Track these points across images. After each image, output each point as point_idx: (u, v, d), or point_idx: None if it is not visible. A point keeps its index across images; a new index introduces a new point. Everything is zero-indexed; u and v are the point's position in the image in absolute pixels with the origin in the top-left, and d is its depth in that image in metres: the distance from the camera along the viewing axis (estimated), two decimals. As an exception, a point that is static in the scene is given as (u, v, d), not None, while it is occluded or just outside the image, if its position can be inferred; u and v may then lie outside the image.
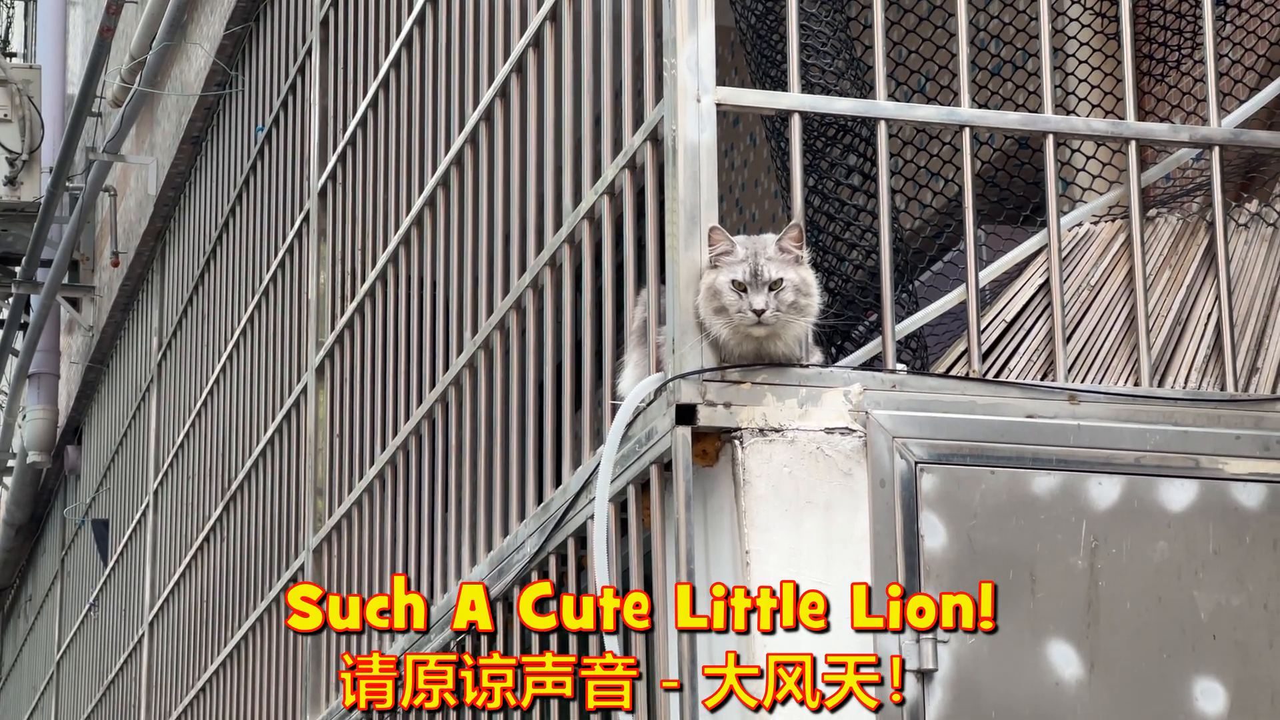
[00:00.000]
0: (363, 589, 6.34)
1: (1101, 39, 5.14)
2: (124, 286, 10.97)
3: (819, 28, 4.77)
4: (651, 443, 4.19)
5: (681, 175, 4.19)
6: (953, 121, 4.49)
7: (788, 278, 4.12)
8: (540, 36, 5.09)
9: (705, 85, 4.24)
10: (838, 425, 4.15)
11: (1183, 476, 4.30)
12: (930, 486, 4.16)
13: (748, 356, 4.13)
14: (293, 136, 7.63)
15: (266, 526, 7.64)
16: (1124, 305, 4.51)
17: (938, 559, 4.13)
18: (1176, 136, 4.65)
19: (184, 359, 9.62)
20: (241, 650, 7.93)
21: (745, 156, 7.99)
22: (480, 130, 5.52)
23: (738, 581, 4.04)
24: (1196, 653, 4.22)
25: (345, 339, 6.74)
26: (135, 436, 10.80)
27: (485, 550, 5.21)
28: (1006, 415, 4.25)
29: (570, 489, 4.61)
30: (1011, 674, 4.12)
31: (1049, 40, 4.56)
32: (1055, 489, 4.23)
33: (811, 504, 4.09)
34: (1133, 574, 4.22)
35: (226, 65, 8.65)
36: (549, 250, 4.93)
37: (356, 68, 6.84)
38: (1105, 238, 4.59)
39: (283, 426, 7.46)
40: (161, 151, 10.03)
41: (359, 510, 6.43)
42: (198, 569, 8.94)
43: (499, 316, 5.24)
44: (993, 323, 4.46)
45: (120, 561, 11.02)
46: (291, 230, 7.50)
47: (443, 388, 5.65)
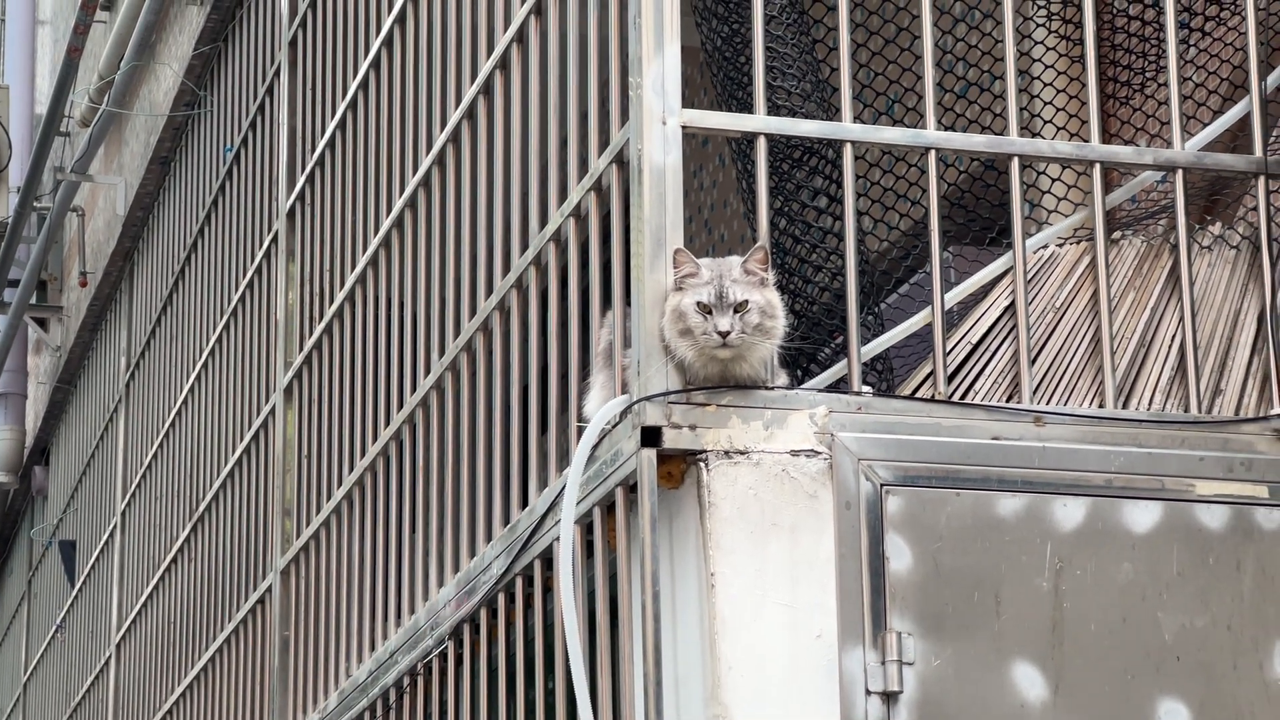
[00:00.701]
0: (330, 611, 6.33)
1: (1066, 62, 5.16)
2: (92, 307, 10.94)
3: (785, 50, 4.78)
4: (617, 465, 4.19)
5: (647, 197, 4.20)
6: (918, 144, 4.50)
7: (753, 300, 4.13)
8: (507, 58, 5.10)
9: (671, 107, 4.25)
10: (803, 447, 4.15)
11: (1147, 498, 4.31)
12: (896, 508, 4.16)
13: (713, 379, 4.14)
14: (261, 157, 7.63)
15: (234, 547, 7.62)
16: (1089, 327, 4.53)
17: (903, 581, 4.14)
18: (1141, 159, 4.66)
19: (152, 379, 9.60)
20: (209, 671, 7.91)
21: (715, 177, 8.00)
22: (448, 151, 5.52)
23: (703, 604, 4.05)
24: (1161, 674, 4.23)
25: (313, 360, 6.74)
26: (103, 457, 10.78)
27: (452, 571, 5.21)
28: (972, 437, 4.26)
29: (537, 511, 4.61)
30: (977, 696, 4.12)
31: (1014, 63, 4.58)
32: (1020, 511, 4.24)
33: (777, 526, 4.10)
34: (1097, 595, 4.23)
35: (195, 85, 8.64)
36: (516, 272, 4.93)
37: (325, 89, 6.84)
38: (1070, 260, 4.60)
39: (250, 447, 7.45)
40: (130, 171, 10.02)
41: (327, 531, 6.43)
42: (165, 590, 8.92)
43: (466, 338, 5.24)
44: (958, 345, 4.47)
45: (87, 582, 10.99)
46: (260, 251, 7.50)
47: (410, 409, 5.64)
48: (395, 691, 5.55)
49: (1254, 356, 4.60)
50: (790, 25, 4.84)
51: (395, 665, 5.52)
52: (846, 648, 4.07)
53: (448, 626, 5.10)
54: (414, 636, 5.37)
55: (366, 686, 5.79)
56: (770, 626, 4.04)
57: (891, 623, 4.11)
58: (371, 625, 5.90)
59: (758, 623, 4.04)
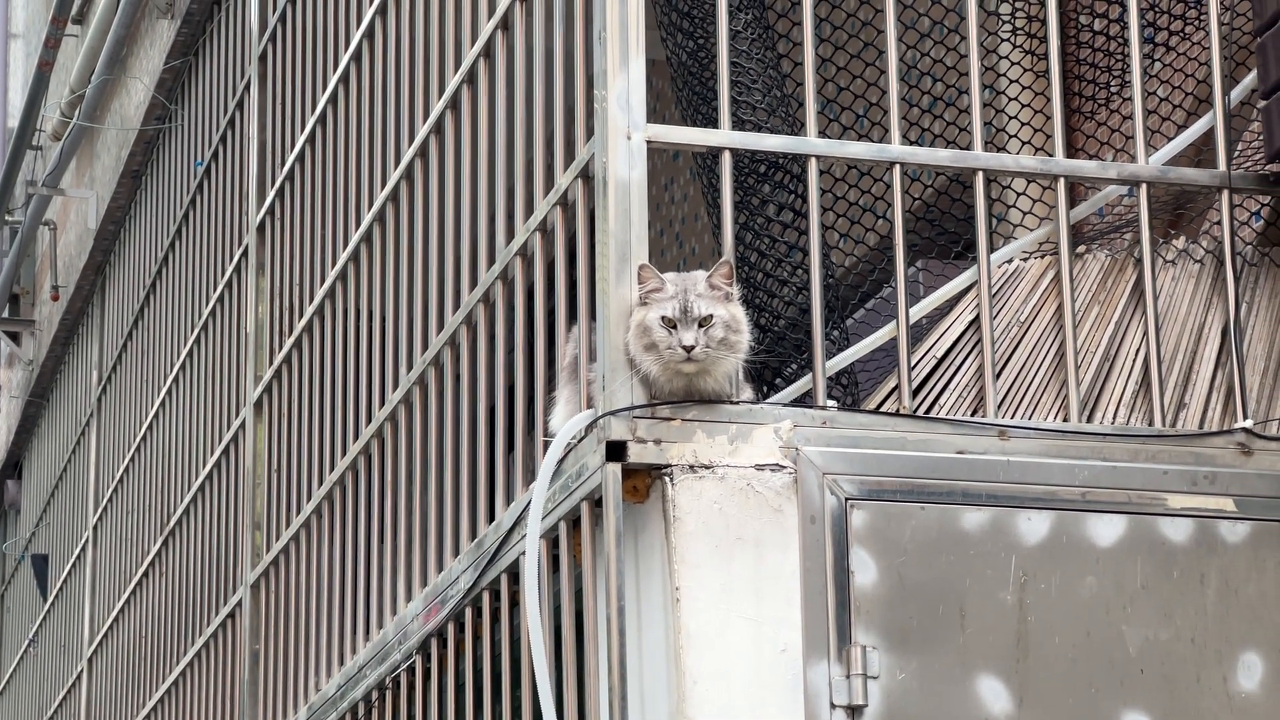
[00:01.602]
0: (299, 624, 6.32)
1: (1031, 77, 5.18)
2: (64, 320, 10.93)
3: (750, 64, 4.79)
4: (582, 479, 4.19)
5: (612, 212, 4.20)
6: (883, 158, 4.51)
7: (718, 314, 4.14)
8: (475, 73, 5.10)
9: (636, 122, 4.25)
10: (768, 462, 4.16)
11: (1112, 511, 4.32)
12: (860, 522, 4.17)
13: (678, 393, 4.14)
14: (231, 171, 7.62)
15: (205, 561, 7.61)
16: (1053, 341, 4.54)
17: (868, 595, 4.14)
18: (1105, 174, 4.68)
19: (124, 393, 9.59)
20: (180, 685, 7.90)
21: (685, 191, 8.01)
22: (416, 166, 5.53)
23: (668, 618, 4.05)
24: (1125, 687, 4.24)
25: (283, 373, 6.74)
26: (75, 471, 10.76)
27: (420, 585, 5.21)
28: (937, 451, 4.27)
29: (503, 525, 4.61)
30: (942, 709, 4.13)
31: (980, 78, 4.59)
32: (985, 524, 4.25)
33: (742, 540, 4.10)
34: (1062, 609, 4.24)
35: (166, 99, 8.64)
36: (482, 287, 4.93)
37: (294, 103, 6.84)
38: (1035, 274, 4.61)
39: (221, 461, 7.44)
40: (101, 185, 10.01)
41: (296, 545, 6.42)
42: (137, 603, 8.91)
43: (434, 352, 5.24)
44: (923, 359, 4.48)
45: (60, 596, 10.97)
46: (230, 264, 7.49)
47: (379, 423, 5.64)
48: (364, 705, 5.55)
49: (1218, 370, 4.61)
50: (755, 40, 4.85)
51: (364, 679, 5.52)
52: (811, 662, 4.08)
53: (416, 640, 5.10)
54: (383, 650, 5.37)
55: (336, 700, 5.79)
56: (735, 641, 4.05)
57: (856, 636, 4.11)
58: (341, 639, 5.90)
59: (723, 637, 4.04)
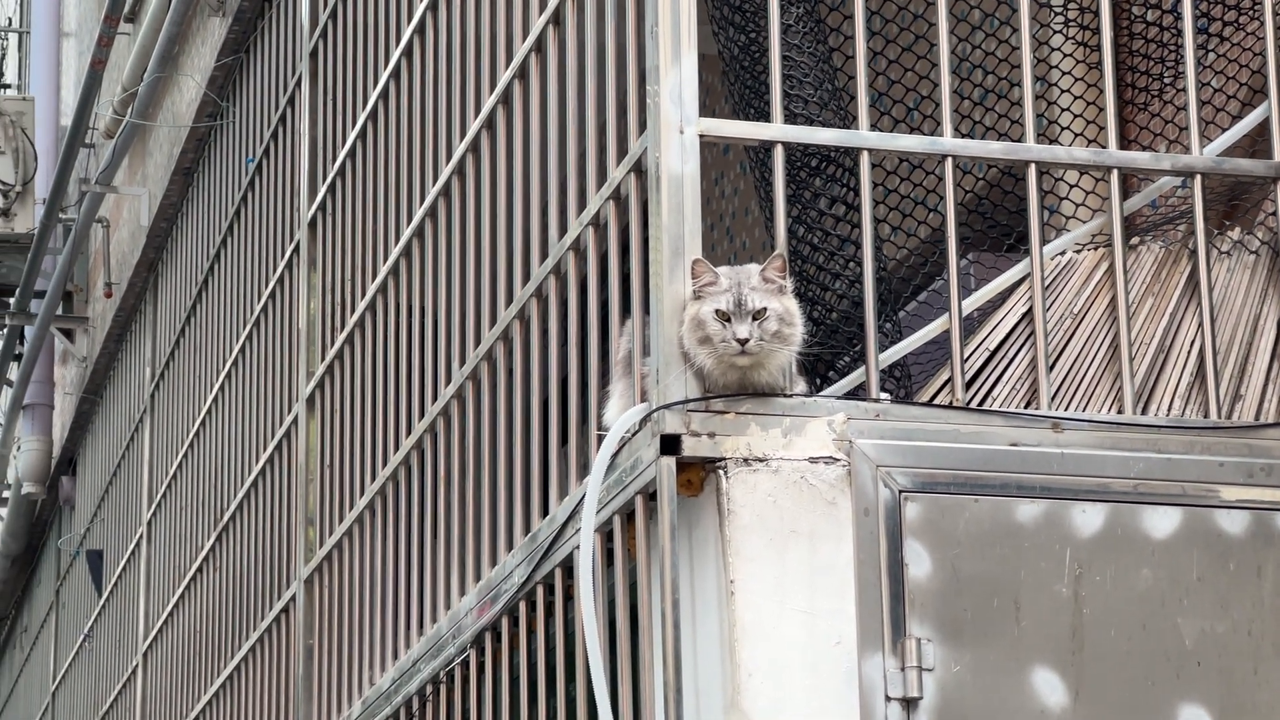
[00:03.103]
0: (353, 619, 6.34)
1: (1084, 68, 5.16)
2: (117, 317, 10.98)
3: (801, 58, 4.79)
4: (637, 473, 4.20)
5: (665, 206, 4.21)
6: (935, 151, 4.50)
7: (771, 307, 4.14)
8: (526, 68, 5.11)
9: (688, 116, 4.26)
10: (822, 454, 4.16)
11: (1167, 504, 4.31)
12: (914, 515, 4.17)
13: (732, 386, 4.14)
14: (283, 167, 7.65)
15: (259, 556, 7.64)
16: (1107, 333, 4.53)
17: (922, 587, 4.14)
18: (1159, 165, 4.66)
19: (177, 389, 9.64)
20: (234, 680, 7.93)
21: (736, 185, 8.01)
22: (467, 161, 5.54)
23: (722, 611, 4.06)
24: (1181, 680, 4.22)
25: (335, 369, 6.76)
26: (129, 467, 10.81)
27: (474, 580, 5.22)
28: (990, 444, 4.27)
29: (557, 519, 4.62)
30: (997, 702, 4.13)
31: (1031, 69, 4.58)
32: (1039, 517, 4.24)
33: (796, 533, 4.10)
34: (1117, 601, 4.23)
35: (217, 96, 8.67)
36: (535, 281, 4.94)
37: (345, 99, 6.86)
38: (1088, 266, 4.60)
39: (274, 456, 7.47)
40: (154, 182, 10.05)
41: (350, 540, 6.44)
42: (191, 599, 8.95)
43: (486, 347, 5.25)
44: (976, 351, 4.47)
45: (114, 592, 11.03)
46: (282, 260, 7.52)
47: (432, 418, 5.66)
48: (418, 699, 5.57)
49: (1274, 361, 4.59)
50: (807, 33, 4.85)
51: (418, 673, 5.54)
52: (866, 654, 4.08)
53: (470, 634, 5.11)
54: (436, 644, 5.39)
55: (390, 694, 5.81)
56: (790, 633, 4.05)
57: (911, 629, 4.11)
58: (395, 633, 5.92)
59: (777, 630, 4.05)
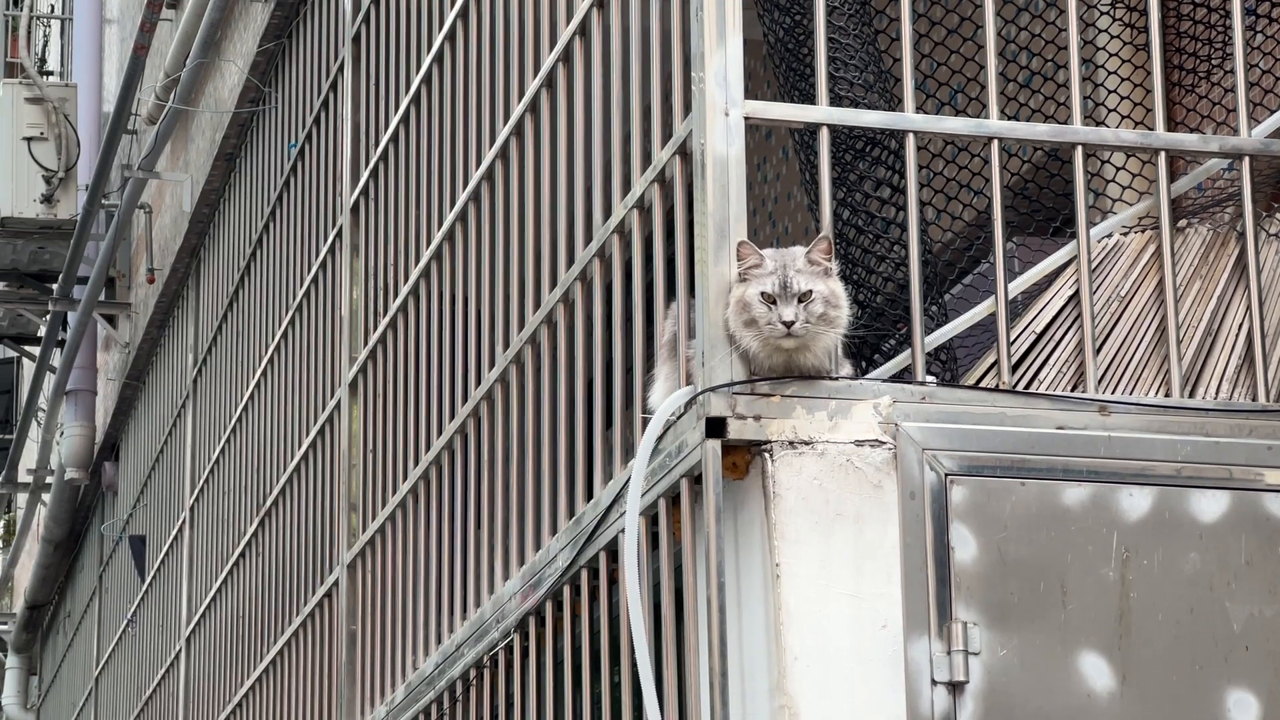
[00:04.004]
0: (396, 604, 6.35)
1: (1131, 50, 5.13)
2: (159, 303, 11.01)
3: (847, 40, 4.77)
4: (682, 456, 4.19)
5: (710, 189, 4.20)
6: (981, 133, 4.49)
7: (817, 290, 4.13)
8: (570, 51, 5.10)
9: (733, 99, 4.25)
10: (867, 437, 4.15)
11: (1214, 487, 4.29)
12: (960, 498, 4.16)
13: (777, 369, 4.13)
14: (325, 152, 7.66)
15: (301, 542, 7.66)
16: (1154, 316, 4.51)
17: (968, 571, 4.13)
18: (1206, 147, 4.64)
19: (219, 375, 9.66)
20: (277, 665, 7.95)
21: (778, 169, 7.99)
22: (511, 145, 5.54)
23: (768, 594, 4.05)
24: (1229, 664, 4.20)
25: (378, 354, 6.76)
26: (171, 452, 10.85)
27: (518, 564, 5.22)
28: (1037, 427, 4.25)
29: (602, 503, 4.61)
30: (1043, 686, 4.11)
31: (1078, 51, 4.56)
32: (1086, 500, 4.22)
33: (841, 516, 4.09)
34: (1165, 585, 4.21)
35: (260, 82, 8.68)
36: (579, 264, 4.94)
37: (388, 84, 6.86)
38: (1135, 248, 4.58)
39: (316, 442, 7.48)
40: (196, 168, 10.08)
41: (392, 525, 6.45)
42: (234, 584, 8.97)
43: (530, 331, 5.25)
44: (1022, 334, 4.45)
45: (157, 577, 11.06)
46: (324, 246, 7.53)
47: (475, 402, 5.66)
48: (462, 684, 5.57)
49: (1322, 344, 4.57)
50: (852, 16, 4.83)
51: (461, 658, 5.54)
52: (912, 638, 4.07)
53: (513, 619, 5.11)
54: (480, 629, 5.39)
55: (433, 679, 5.81)
56: (835, 617, 4.04)
57: (957, 613, 4.10)
58: (438, 618, 5.92)
59: (823, 613, 4.04)
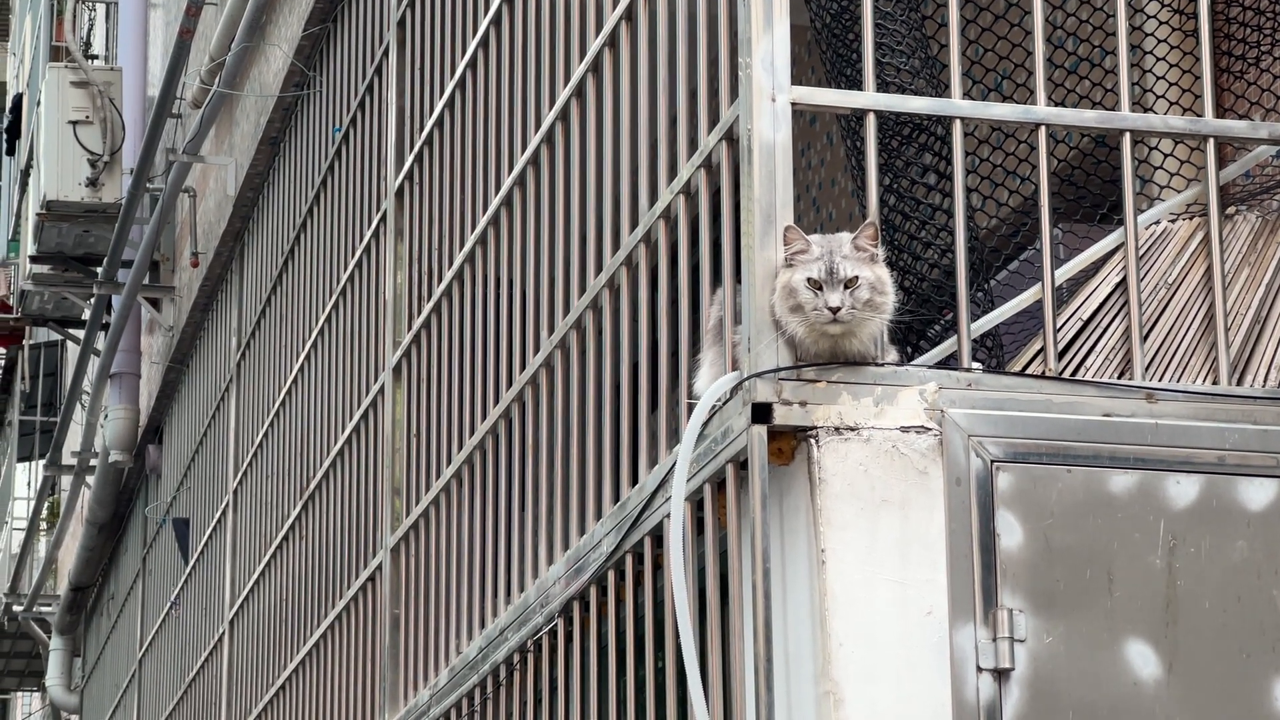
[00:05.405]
0: (439, 588, 6.37)
1: (1180, 36, 5.11)
2: (203, 287, 11.05)
3: (894, 26, 4.76)
4: (727, 441, 4.19)
5: (757, 174, 4.19)
6: (1028, 120, 4.47)
7: (863, 275, 4.12)
8: (616, 36, 5.10)
9: (780, 84, 4.24)
10: (913, 424, 4.14)
11: (1262, 475, 4.27)
12: (1006, 485, 4.15)
13: (823, 355, 4.13)
14: (370, 137, 7.67)
15: (345, 525, 7.68)
16: (1202, 303, 4.49)
17: (1014, 558, 4.12)
18: (1255, 134, 4.62)
19: (263, 359, 9.69)
20: (321, 648, 7.98)
21: (822, 156, 7.98)
22: (556, 130, 5.54)
23: (813, 580, 4.05)
24: (1277, 653, 4.19)
25: (422, 339, 6.78)
26: (215, 435, 10.88)
27: (562, 549, 5.23)
28: (1083, 414, 4.24)
29: (647, 488, 4.62)
30: (1089, 674, 4.11)
31: (1126, 37, 4.54)
32: (1133, 488, 4.21)
33: (887, 502, 4.09)
34: (1212, 573, 4.20)
35: (304, 66, 8.70)
36: (625, 250, 4.94)
37: (433, 68, 6.87)
38: (1183, 235, 4.56)
39: (360, 426, 7.50)
40: (240, 152, 10.10)
41: (436, 510, 6.46)
42: (277, 567, 9.00)
43: (575, 316, 5.25)
44: (1069, 321, 4.44)
45: (201, 560, 11.11)
46: (369, 230, 7.54)
47: (519, 387, 5.67)
48: (505, 668, 5.58)
49: (1371, 332, 4.54)
50: (899, 2, 4.83)
51: (505, 642, 5.55)
52: (957, 625, 4.06)
53: (558, 604, 5.12)
54: (524, 614, 5.40)
55: (477, 663, 5.82)
56: (881, 603, 4.04)
57: (1003, 599, 4.09)
58: (481, 602, 5.94)
59: (868, 599, 4.04)
